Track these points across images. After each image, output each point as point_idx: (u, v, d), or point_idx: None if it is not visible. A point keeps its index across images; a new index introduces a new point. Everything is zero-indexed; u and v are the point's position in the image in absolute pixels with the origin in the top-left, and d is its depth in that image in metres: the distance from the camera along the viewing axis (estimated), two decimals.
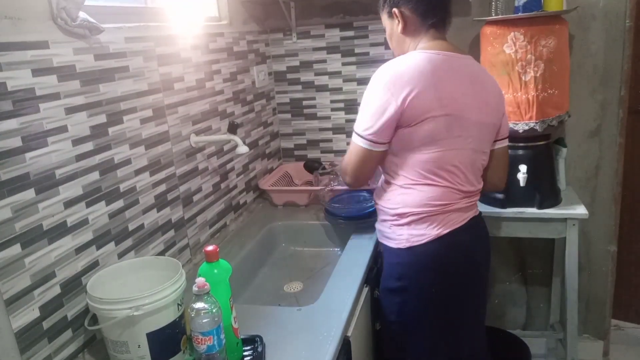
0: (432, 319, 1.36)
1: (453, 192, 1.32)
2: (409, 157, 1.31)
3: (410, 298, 1.36)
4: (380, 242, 1.45)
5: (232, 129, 1.61)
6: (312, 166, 2.13)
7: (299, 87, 2.27)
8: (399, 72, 1.26)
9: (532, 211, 1.82)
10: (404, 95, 1.23)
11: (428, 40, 1.35)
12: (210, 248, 1.02)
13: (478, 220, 1.42)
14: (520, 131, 1.76)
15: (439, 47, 1.33)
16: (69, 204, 1.10)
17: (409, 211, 1.32)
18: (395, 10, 1.35)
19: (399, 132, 1.28)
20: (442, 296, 1.34)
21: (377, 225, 1.46)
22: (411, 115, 1.25)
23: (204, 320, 0.94)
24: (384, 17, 1.42)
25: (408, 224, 1.33)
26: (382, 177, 1.43)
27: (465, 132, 1.31)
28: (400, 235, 1.35)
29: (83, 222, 1.14)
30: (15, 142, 0.97)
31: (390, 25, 1.40)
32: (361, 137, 1.31)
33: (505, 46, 1.72)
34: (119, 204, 1.26)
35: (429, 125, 1.25)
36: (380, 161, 1.37)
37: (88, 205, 1.16)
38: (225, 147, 1.80)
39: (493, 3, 1.88)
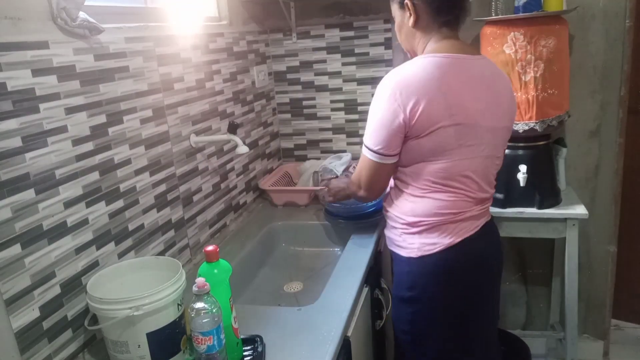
0: (444, 329, 1.33)
1: (465, 200, 1.28)
2: (418, 167, 1.26)
3: (422, 308, 1.32)
4: (390, 249, 1.41)
5: (232, 129, 1.61)
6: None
7: (299, 87, 2.27)
8: (405, 81, 1.19)
9: (532, 211, 1.82)
10: (411, 106, 1.17)
11: (439, 39, 1.27)
12: (210, 248, 1.02)
13: (491, 226, 1.38)
14: (520, 131, 1.76)
15: (449, 48, 1.25)
16: (69, 204, 1.10)
17: (420, 220, 1.28)
18: (407, 1, 1.26)
19: (407, 143, 1.23)
20: (455, 305, 1.31)
21: (387, 233, 1.41)
22: (420, 127, 1.19)
23: (204, 320, 0.94)
24: (395, 7, 1.33)
25: (419, 232, 1.29)
26: (392, 182, 1.39)
27: (477, 140, 1.24)
28: (411, 244, 1.30)
29: (83, 222, 1.14)
30: (15, 142, 0.97)
31: (401, 16, 1.32)
32: (371, 150, 1.26)
33: (505, 46, 1.72)
34: (119, 204, 1.26)
35: (438, 136, 1.20)
36: (393, 171, 1.33)
37: (88, 205, 1.16)
38: (225, 147, 1.80)
39: (493, 3, 1.88)
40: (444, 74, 1.20)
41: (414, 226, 1.29)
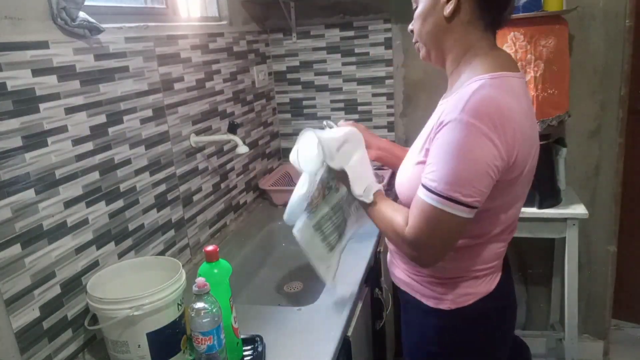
0: None
1: (506, 244, 1.08)
2: (489, 214, 0.98)
3: None
4: (406, 292, 1.15)
5: (232, 129, 1.61)
6: None
7: (299, 87, 2.27)
8: (504, 112, 0.88)
9: (532, 211, 1.82)
10: (511, 148, 0.89)
11: (489, 48, 0.98)
12: (210, 248, 1.02)
13: None
14: None
15: (509, 63, 0.97)
16: (69, 204, 1.10)
17: (458, 272, 1.05)
18: None
19: (496, 187, 0.93)
20: (488, 355, 1.12)
21: (401, 275, 1.15)
22: (517, 167, 0.92)
23: (204, 320, 0.94)
24: None
25: (453, 282, 1.05)
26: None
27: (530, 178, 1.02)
28: (443, 294, 1.06)
29: (83, 222, 1.14)
30: (15, 142, 0.97)
31: (433, 2, 0.98)
32: (465, 205, 0.88)
33: (505, 46, 1.72)
34: (119, 204, 1.26)
35: (519, 183, 0.96)
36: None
37: (88, 205, 1.16)
38: (225, 147, 1.80)
39: None
40: (523, 102, 0.94)
41: (449, 277, 1.05)
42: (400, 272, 1.15)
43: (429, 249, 0.95)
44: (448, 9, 0.95)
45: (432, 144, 0.93)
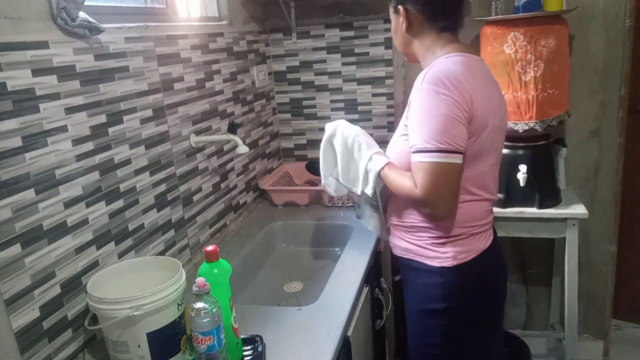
0: (477, 337, 1.28)
1: (491, 207, 1.29)
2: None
3: (458, 319, 1.24)
4: (410, 259, 1.28)
5: (232, 129, 1.61)
6: (314, 167, 2.13)
7: (299, 87, 2.27)
8: (454, 78, 1.09)
9: (532, 211, 1.82)
10: (468, 103, 1.10)
11: (444, 44, 1.22)
12: (210, 248, 1.02)
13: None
14: (520, 131, 1.76)
15: (464, 49, 1.21)
16: (69, 204, 1.10)
17: (457, 229, 1.21)
18: (400, 7, 1.23)
19: None
20: (489, 312, 1.29)
21: (402, 243, 1.30)
22: (475, 127, 1.13)
23: (204, 320, 0.94)
24: (391, 11, 1.30)
25: (452, 241, 1.21)
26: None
27: (499, 143, 1.23)
28: (444, 253, 1.21)
29: (83, 222, 1.14)
30: (15, 142, 0.97)
31: (396, 21, 1.28)
32: (435, 151, 1.08)
33: (505, 46, 1.72)
34: (119, 204, 1.26)
35: (482, 137, 1.15)
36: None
37: (88, 205, 1.16)
38: (225, 147, 1.80)
39: (493, 3, 1.88)
40: (476, 73, 1.16)
41: (449, 236, 1.21)
42: (402, 241, 1.30)
43: (441, 200, 1.11)
44: (403, 26, 1.25)
45: (408, 117, 1.16)
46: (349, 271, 1.44)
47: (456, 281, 1.22)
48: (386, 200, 1.36)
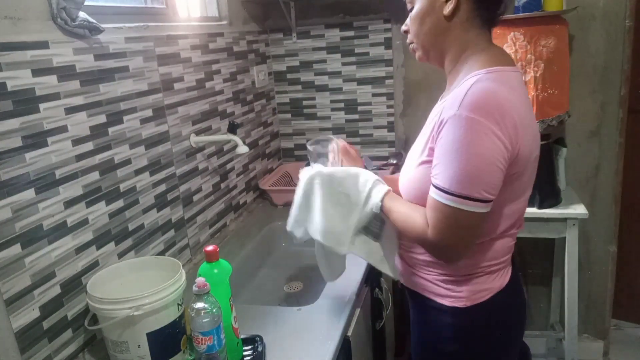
0: None
1: (516, 237, 1.09)
2: (494, 209, 0.95)
3: None
4: (417, 292, 1.13)
5: (232, 129, 1.61)
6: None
7: (299, 87, 2.27)
8: (502, 103, 0.89)
9: (532, 211, 1.82)
10: (513, 136, 0.89)
11: (485, 45, 0.99)
12: (210, 248, 1.02)
13: None
14: None
15: (504, 58, 0.98)
16: (69, 204, 1.10)
17: (472, 269, 1.04)
18: None
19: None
20: (502, 351, 1.11)
21: (412, 276, 1.13)
22: (517, 166, 0.94)
23: (204, 320, 0.94)
24: None
25: (467, 280, 1.04)
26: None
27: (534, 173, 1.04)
28: (458, 292, 1.05)
29: (83, 222, 1.14)
30: (15, 142, 0.97)
31: (431, 1, 0.98)
32: (480, 200, 0.89)
33: (505, 46, 1.72)
34: (119, 204, 1.26)
35: (526, 175, 0.97)
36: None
37: (88, 205, 1.16)
38: (225, 147, 1.80)
39: None
40: (519, 92, 0.95)
41: (463, 275, 1.04)
42: (411, 274, 1.13)
43: (454, 247, 0.94)
44: (448, 8, 0.95)
45: (436, 143, 0.92)
46: (349, 271, 1.43)
47: (469, 323, 1.06)
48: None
